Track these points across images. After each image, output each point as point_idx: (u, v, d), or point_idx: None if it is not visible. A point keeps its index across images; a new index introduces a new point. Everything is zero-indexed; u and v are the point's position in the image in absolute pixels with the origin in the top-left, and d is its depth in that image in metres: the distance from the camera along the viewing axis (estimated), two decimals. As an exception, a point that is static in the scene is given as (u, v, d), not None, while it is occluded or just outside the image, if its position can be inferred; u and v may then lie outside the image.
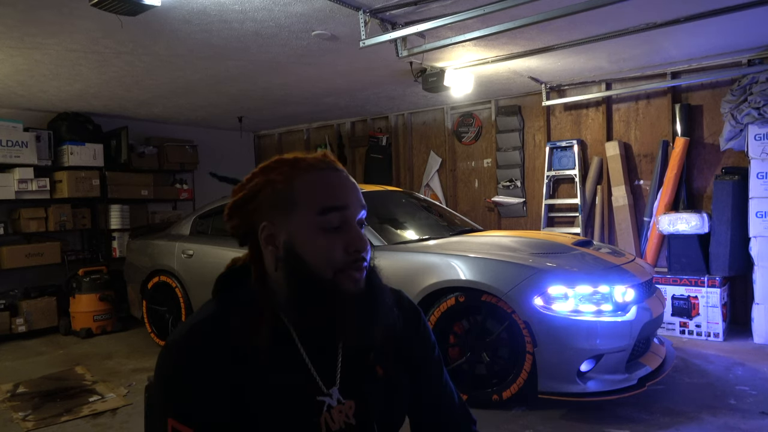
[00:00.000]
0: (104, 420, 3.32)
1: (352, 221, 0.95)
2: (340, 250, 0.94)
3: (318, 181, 0.96)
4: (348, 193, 0.97)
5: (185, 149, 6.89)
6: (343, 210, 0.94)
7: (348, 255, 0.94)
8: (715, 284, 4.51)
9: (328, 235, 0.94)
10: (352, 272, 0.94)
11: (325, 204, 0.94)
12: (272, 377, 0.94)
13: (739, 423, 2.92)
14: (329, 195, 0.95)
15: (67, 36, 3.57)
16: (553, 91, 5.72)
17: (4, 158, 5.30)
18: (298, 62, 4.35)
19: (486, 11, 3.09)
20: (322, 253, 0.93)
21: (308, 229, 0.94)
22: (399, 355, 1.07)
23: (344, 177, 0.99)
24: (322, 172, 0.97)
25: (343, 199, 0.95)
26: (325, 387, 0.97)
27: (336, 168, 0.99)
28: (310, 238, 0.94)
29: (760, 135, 4.38)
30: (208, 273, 4.50)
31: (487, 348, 3.20)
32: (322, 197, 0.94)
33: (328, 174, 0.97)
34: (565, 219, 5.81)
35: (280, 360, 0.95)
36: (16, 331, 5.42)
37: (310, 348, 0.98)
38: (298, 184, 0.95)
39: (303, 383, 0.96)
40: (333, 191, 0.96)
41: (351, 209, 0.95)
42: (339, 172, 0.99)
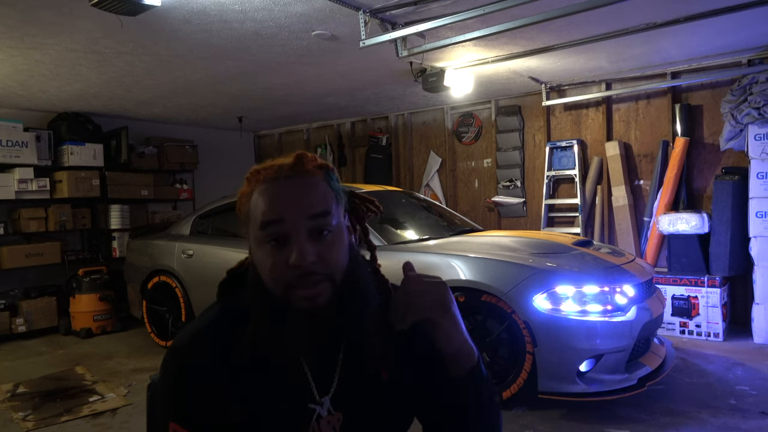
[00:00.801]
0: (104, 420, 3.32)
1: (293, 234, 0.88)
2: (283, 267, 0.88)
3: (264, 193, 0.91)
4: (287, 204, 0.89)
5: (185, 149, 6.89)
6: (279, 223, 0.88)
7: (290, 270, 0.87)
8: (715, 284, 4.51)
9: (272, 250, 0.89)
10: (301, 290, 0.88)
11: (263, 218, 0.89)
12: (270, 382, 0.93)
13: (739, 423, 2.92)
14: (267, 208, 0.90)
15: (67, 36, 3.57)
16: (553, 91, 5.72)
17: (4, 158, 5.30)
18: (298, 62, 4.35)
19: (486, 11, 3.09)
20: (266, 270, 0.90)
21: (256, 244, 0.92)
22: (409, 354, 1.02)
23: (290, 185, 0.91)
24: (272, 182, 0.92)
25: (278, 211, 0.89)
26: (320, 395, 0.95)
27: (289, 176, 0.92)
28: (258, 254, 0.91)
29: (760, 135, 4.38)
30: (208, 273, 4.51)
31: (487, 348, 3.20)
32: (262, 211, 0.90)
33: (276, 184, 0.91)
34: (565, 219, 5.81)
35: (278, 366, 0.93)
36: (16, 331, 5.42)
37: (307, 355, 0.96)
38: (254, 196, 0.93)
39: (297, 389, 0.95)
40: (272, 203, 0.90)
41: (288, 222, 0.88)
42: (288, 180, 0.91)
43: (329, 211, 0.91)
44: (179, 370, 0.93)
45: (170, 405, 0.93)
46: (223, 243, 4.58)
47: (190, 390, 0.92)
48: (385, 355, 0.97)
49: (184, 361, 0.93)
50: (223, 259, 4.44)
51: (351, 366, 0.97)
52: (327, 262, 0.89)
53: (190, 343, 0.95)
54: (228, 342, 0.93)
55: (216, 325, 0.96)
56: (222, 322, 0.96)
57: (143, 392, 3.42)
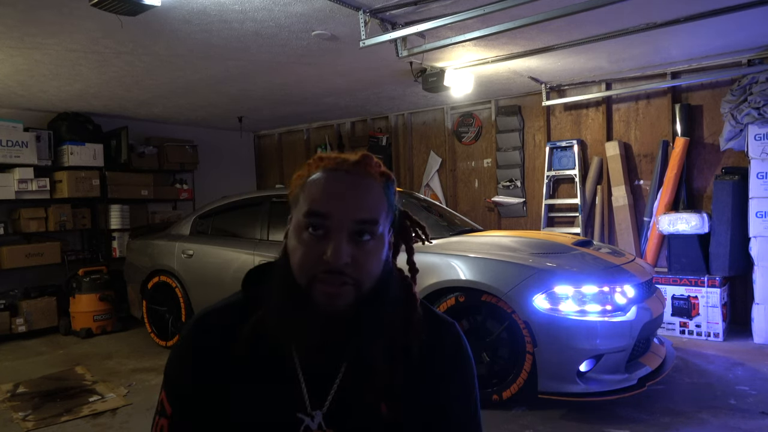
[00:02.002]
0: (104, 420, 3.32)
1: (335, 231, 0.86)
2: (315, 257, 0.86)
3: (318, 181, 0.90)
4: (339, 200, 0.87)
5: (185, 149, 6.89)
6: (324, 217, 0.86)
7: (320, 264, 0.86)
8: (715, 284, 4.51)
9: (310, 239, 0.87)
10: (323, 285, 0.86)
11: (310, 206, 0.88)
12: (261, 380, 0.92)
13: (739, 423, 2.92)
14: (317, 198, 0.88)
15: (67, 36, 3.57)
16: (553, 91, 5.72)
17: (4, 158, 5.30)
18: (298, 62, 4.35)
19: (486, 11, 3.09)
20: (299, 258, 0.88)
21: (297, 228, 0.90)
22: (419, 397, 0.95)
23: (348, 180, 0.89)
24: (330, 172, 0.90)
25: (328, 204, 0.87)
26: (312, 407, 0.91)
27: (349, 170, 0.90)
28: (296, 239, 0.90)
29: (760, 135, 4.38)
30: (208, 273, 4.51)
31: (487, 348, 3.20)
32: (312, 198, 0.88)
33: (333, 175, 0.90)
34: (565, 219, 5.81)
35: (274, 365, 0.92)
36: (16, 331, 5.42)
37: (308, 360, 0.92)
38: (309, 181, 0.91)
39: (288, 395, 0.91)
40: (323, 195, 0.88)
41: (334, 219, 0.86)
42: (348, 174, 0.90)
43: (377, 220, 0.89)
44: (184, 344, 0.97)
45: (167, 373, 0.98)
46: (223, 243, 4.58)
47: (186, 367, 0.95)
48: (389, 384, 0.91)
49: (190, 337, 0.97)
50: (223, 259, 4.44)
51: (350, 386, 0.92)
52: (359, 268, 0.87)
53: (200, 321, 0.98)
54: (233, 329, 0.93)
55: (231, 310, 0.98)
56: (236, 309, 0.97)
57: (143, 392, 3.43)
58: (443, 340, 1.00)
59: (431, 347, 0.97)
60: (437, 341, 0.98)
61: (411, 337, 0.94)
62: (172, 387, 0.96)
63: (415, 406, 0.94)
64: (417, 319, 0.96)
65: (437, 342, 0.98)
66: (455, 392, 0.99)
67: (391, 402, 0.91)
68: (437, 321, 1.01)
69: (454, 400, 0.98)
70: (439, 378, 0.97)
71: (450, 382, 0.98)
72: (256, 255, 4.22)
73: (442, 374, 0.97)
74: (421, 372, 0.95)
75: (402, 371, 0.92)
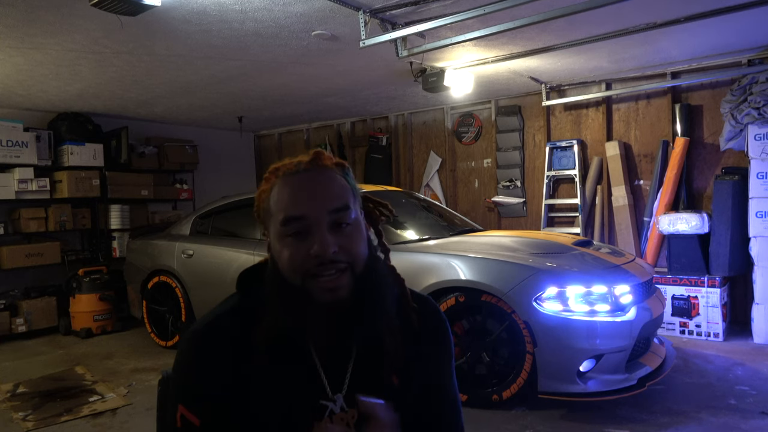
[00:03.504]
0: (104, 420, 3.32)
1: (314, 228, 0.90)
2: (303, 256, 0.90)
3: (283, 189, 0.94)
4: (307, 197, 0.92)
5: (185, 149, 6.89)
6: (300, 220, 0.91)
7: (311, 260, 0.90)
8: (715, 284, 4.51)
9: (293, 243, 0.91)
10: (321, 279, 0.90)
11: (285, 213, 0.92)
12: (280, 375, 0.94)
13: (739, 423, 2.92)
14: (288, 204, 0.92)
15: (67, 36, 3.57)
16: (553, 91, 5.72)
17: (4, 158, 5.30)
18: (298, 62, 4.35)
19: (486, 11, 3.09)
20: (286, 260, 0.92)
21: (277, 238, 0.94)
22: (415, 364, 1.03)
23: (309, 179, 0.94)
24: (291, 177, 0.95)
25: (300, 207, 0.91)
26: (332, 392, 0.96)
27: (307, 169, 0.95)
28: (278, 247, 0.93)
29: (760, 135, 4.38)
30: (208, 273, 4.51)
31: (487, 348, 3.20)
32: (283, 206, 0.93)
33: (295, 178, 0.94)
34: (565, 219, 5.81)
35: (291, 359, 0.95)
36: (16, 331, 5.42)
37: (321, 350, 0.97)
38: (274, 192, 0.95)
39: (309, 385, 0.95)
40: (292, 199, 0.92)
41: (311, 216, 0.91)
42: (307, 173, 0.94)
43: (348, 206, 0.94)
44: (192, 354, 0.97)
45: (180, 388, 0.96)
46: (223, 243, 4.58)
47: (201, 374, 0.94)
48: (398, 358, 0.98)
49: (198, 346, 0.96)
50: (223, 259, 4.44)
51: (363, 366, 0.98)
52: (348, 252, 0.91)
53: (205, 329, 0.98)
54: (242, 331, 0.95)
55: (232, 314, 0.99)
56: (239, 312, 0.98)
57: (143, 392, 3.43)
58: (425, 311, 1.07)
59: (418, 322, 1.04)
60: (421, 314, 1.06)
61: (407, 310, 1.02)
62: (192, 399, 0.94)
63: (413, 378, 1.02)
64: (407, 293, 1.04)
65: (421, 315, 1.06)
66: (444, 362, 1.08)
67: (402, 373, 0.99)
68: (416, 297, 1.08)
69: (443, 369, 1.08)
70: (429, 350, 1.05)
71: (438, 353, 1.07)
72: (256, 255, 4.22)
73: (431, 347, 1.06)
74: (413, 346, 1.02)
75: (403, 344, 0.99)
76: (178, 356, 0.98)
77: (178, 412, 0.94)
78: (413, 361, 1.01)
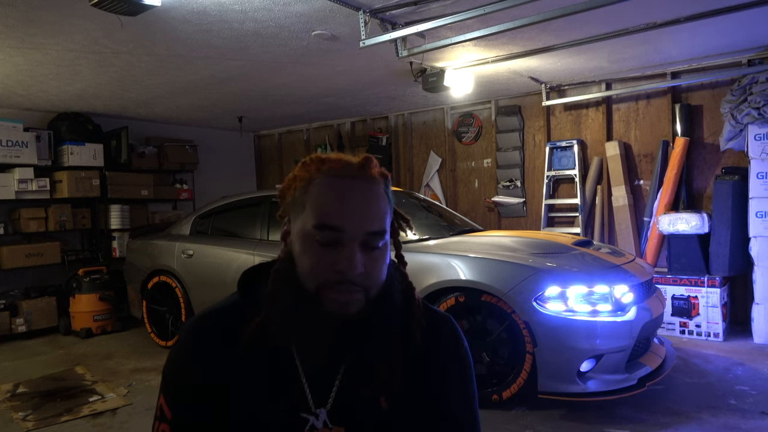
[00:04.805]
0: (104, 420, 3.32)
1: (348, 241, 0.86)
2: (326, 265, 0.86)
3: (326, 190, 0.88)
4: (350, 211, 0.87)
5: (185, 149, 6.89)
6: (337, 231, 0.86)
7: (333, 273, 0.86)
8: (715, 284, 4.51)
9: (321, 248, 0.87)
10: (335, 294, 0.86)
11: (321, 219, 0.86)
12: (263, 381, 0.91)
13: (739, 423, 2.92)
14: (328, 210, 0.87)
15: (67, 36, 3.57)
16: (553, 91, 5.72)
17: (4, 158, 5.30)
18: (298, 62, 4.35)
19: (486, 11, 3.09)
20: (308, 265, 0.87)
21: (304, 237, 0.88)
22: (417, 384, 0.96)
23: (357, 189, 0.88)
24: (336, 179, 0.88)
25: (341, 218, 0.86)
26: (315, 406, 0.91)
27: (355, 176, 0.88)
28: (303, 246, 0.89)
29: (760, 135, 4.38)
30: (208, 273, 4.51)
31: (487, 348, 3.20)
32: (322, 210, 0.87)
33: (341, 183, 0.88)
34: (565, 219, 5.81)
35: (275, 366, 0.91)
36: (16, 331, 5.42)
37: (308, 360, 0.92)
38: (313, 187, 0.89)
39: (290, 395, 0.91)
40: (334, 207, 0.87)
41: (348, 231, 0.86)
42: (355, 181, 0.88)
43: (385, 231, 0.89)
44: (181, 350, 0.96)
45: (165, 379, 0.97)
46: (223, 243, 4.58)
47: (184, 372, 0.94)
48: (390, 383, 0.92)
49: (187, 343, 0.96)
50: (223, 259, 4.44)
51: (352, 383, 0.93)
52: (369, 277, 0.88)
53: (198, 324, 0.97)
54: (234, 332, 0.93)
55: (228, 313, 0.97)
56: (235, 311, 0.97)
57: (143, 392, 3.43)
58: (440, 333, 1.01)
59: (428, 341, 0.98)
60: (434, 335, 0.99)
61: (413, 328, 0.96)
62: (171, 391, 0.95)
63: (414, 399, 0.95)
64: (418, 311, 0.98)
65: (434, 335, 0.99)
66: (453, 385, 1.00)
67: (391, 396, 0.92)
68: (433, 315, 1.02)
69: (452, 392, 0.99)
70: (438, 371, 0.98)
71: (448, 374, 0.99)
72: (256, 255, 4.22)
73: (440, 367, 0.98)
74: (420, 365, 0.96)
75: (401, 366, 0.93)
76: (172, 348, 0.99)
77: (159, 400, 0.96)
78: (412, 381, 0.95)
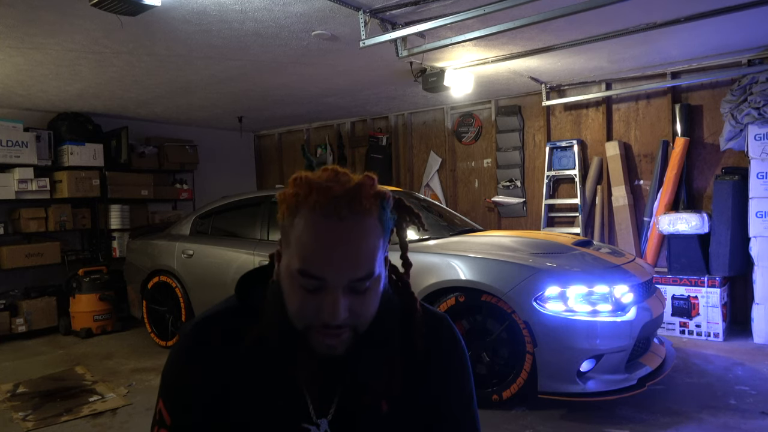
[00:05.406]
0: (104, 420, 3.32)
1: (331, 289, 0.82)
2: (311, 311, 0.84)
3: (309, 232, 0.82)
4: (334, 260, 0.81)
5: (185, 149, 6.89)
6: (319, 280, 0.82)
7: (317, 319, 0.84)
8: (715, 284, 4.51)
9: (304, 294, 0.84)
10: (321, 336, 0.84)
11: (303, 266, 0.82)
12: (264, 389, 0.91)
13: (739, 423, 2.92)
14: (311, 258, 0.82)
15: (67, 36, 3.57)
16: (553, 91, 5.72)
17: (4, 158, 5.30)
18: (298, 62, 4.35)
19: (486, 11, 3.09)
20: (294, 307, 0.85)
21: (290, 276, 0.85)
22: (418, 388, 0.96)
23: (342, 233, 0.81)
24: (321, 219, 0.81)
25: (323, 268, 0.81)
26: (316, 415, 0.91)
27: (342, 217, 0.81)
28: (290, 286, 0.86)
29: (760, 135, 4.38)
30: (208, 273, 4.51)
31: (487, 348, 3.20)
32: (304, 256, 0.82)
33: (325, 226, 0.81)
34: (565, 219, 5.81)
35: (276, 376, 0.90)
36: (16, 331, 5.42)
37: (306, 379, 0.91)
38: (297, 221, 0.83)
39: (291, 405, 0.91)
40: (316, 255, 0.81)
41: (330, 281, 0.82)
42: (341, 223, 0.81)
43: (373, 272, 0.85)
44: (180, 354, 0.95)
45: (164, 382, 0.96)
46: (223, 243, 4.58)
47: (183, 377, 0.93)
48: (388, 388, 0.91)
49: (187, 347, 0.95)
50: (223, 259, 4.44)
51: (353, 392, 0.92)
52: (357, 316, 0.85)
53: (197, 329, 0.96)
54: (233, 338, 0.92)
55: (226, 318, 0.96)
56: (234, 316, 0.96)
57: (143, 392, 3.43)
58: (438, 334, 1.00)
59: (428, 342, 0.98)
60: (433, 336, 0.99)
61: (415, 337, 0.95)
62: (170, 396, 0.94)
63: (414, 402, 0.95)
64: (419, 321, 0.97)
65: (433, 337, 0.99)
66: (452, 385, 1.00)
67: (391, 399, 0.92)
68: (431, 316, 1.01)
69: (451, 393, 1.00)
70: (437, 372, 0.98)
71: (447, 375, 0.99)
72: (256, 255, 4.22)
73: (440, 368, 0.98)
74: (420, 368, 0.96)
75: (401, 374, 0.92)
76: (171, 351, 0.97)
77: (158, 404, 0.95)
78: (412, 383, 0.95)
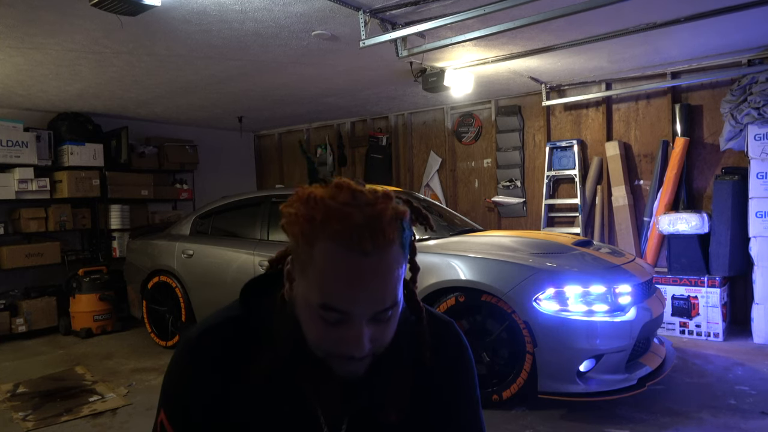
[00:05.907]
0: (104, 420, 3.32)
1: (354, 321, 0.81)
2: (333, 343, 0.82)
3: (332, 266, 0.78)
4: (360, 297, 0.79)
5: (185, 149, 6.89)
6: (343, 314, 0.80)
7: (339, 350, 0.82)
8: (715, 284, 4.51)
9: (325, 325, 0.82)
10: (343, 364, 0.84)
11: (326, 301, 0.79)
12: (273, 405, 0.89)
13: (739, 423, 2.92)
14: (335, 292, 0.79)
15: (67, 36, 3.57)
16: (553, 91, 5.72)
17: (4, 158, 5.30)
18: (298, 62, 4.35)
19: (486, 11, 3.09)
20: (313, 336, 0.84)
21: (309, 308, 0.82)
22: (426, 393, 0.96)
23: (368, 269, 0.78)
24: (344, 254, 0.77)
25: (348, 304, 0.79)
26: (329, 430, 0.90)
27: (366, 252, 0.77)
28: (306, 315, 0.84)
29: (760, 135, 4.38)
30: (208, 273, 4.51)
31: (487, 348, 3.20)
32: (328, 290, 0.79)
33: (349, 261, 0.77)
34: (565, 219, 5.81)
35: (286, 390, 0.89)
36: (16, 331, 5.42)
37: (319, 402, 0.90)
38: (317, 251, 0.79)
39: (303, 421, 0.90)
40: (341, 291, 0.79)
41: (354, 314, 0.80)
42: (366, 259, 0.77)
43: (397, 301, 0.83)
44: (182, 364, 0.92)
45: (165, 393, 0.93)
46: (223, 243, 4.58)
47: (186, 388, 0.91)
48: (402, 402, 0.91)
49: (189, 357, 0.92)
50: (223, 259, 4.44)
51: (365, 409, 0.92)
52: (379, 343, 0.84)
53: (200, 338, 0.92)
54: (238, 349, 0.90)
55: (231, 328, 0.93)
56: (238, 327, 0.93)
57: (143, 392, 3.43)
58: (446, 341, 1.00)
59: (435, 349, 0.97)
60: (440, 343, 0.98)
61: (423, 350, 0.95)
62: (173, 407, 0.92)
63: (423, 409, 0.95)
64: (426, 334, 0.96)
65: (440, 343, 0.98)
66: (460, 391, 1.00)
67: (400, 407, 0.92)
68: (437, 322, 1.01)
69: (459, 398, 1.00)
70: (445, 379, 0.98)
71: (454, 381, 0.99)
72: (256, 255, 4.22)
73: (447, 375, 0.98)
74: (427, 375, 0.96)
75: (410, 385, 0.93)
76: (172, 360, 0.94)
77: (159, 416, 0.92)
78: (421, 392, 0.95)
